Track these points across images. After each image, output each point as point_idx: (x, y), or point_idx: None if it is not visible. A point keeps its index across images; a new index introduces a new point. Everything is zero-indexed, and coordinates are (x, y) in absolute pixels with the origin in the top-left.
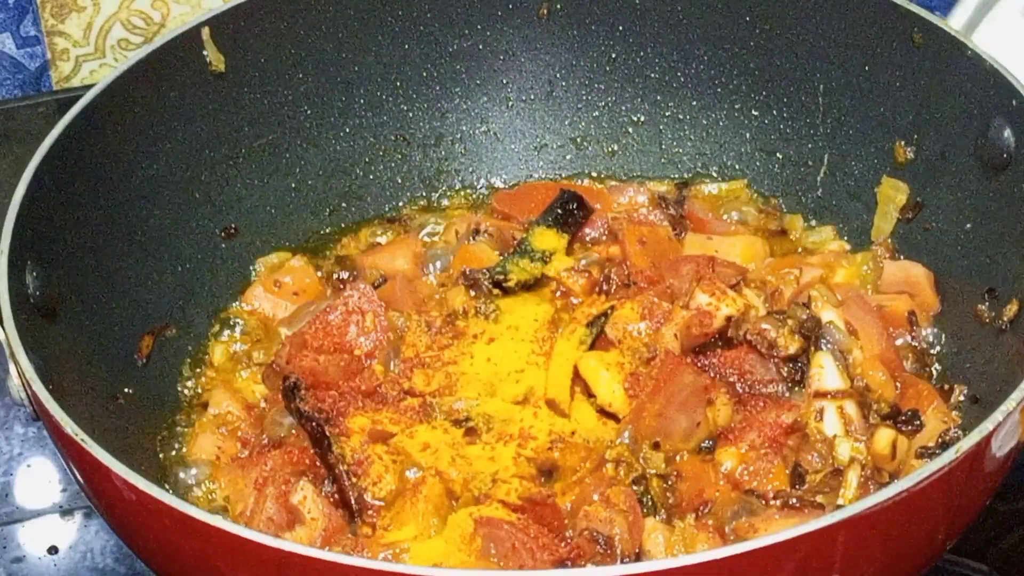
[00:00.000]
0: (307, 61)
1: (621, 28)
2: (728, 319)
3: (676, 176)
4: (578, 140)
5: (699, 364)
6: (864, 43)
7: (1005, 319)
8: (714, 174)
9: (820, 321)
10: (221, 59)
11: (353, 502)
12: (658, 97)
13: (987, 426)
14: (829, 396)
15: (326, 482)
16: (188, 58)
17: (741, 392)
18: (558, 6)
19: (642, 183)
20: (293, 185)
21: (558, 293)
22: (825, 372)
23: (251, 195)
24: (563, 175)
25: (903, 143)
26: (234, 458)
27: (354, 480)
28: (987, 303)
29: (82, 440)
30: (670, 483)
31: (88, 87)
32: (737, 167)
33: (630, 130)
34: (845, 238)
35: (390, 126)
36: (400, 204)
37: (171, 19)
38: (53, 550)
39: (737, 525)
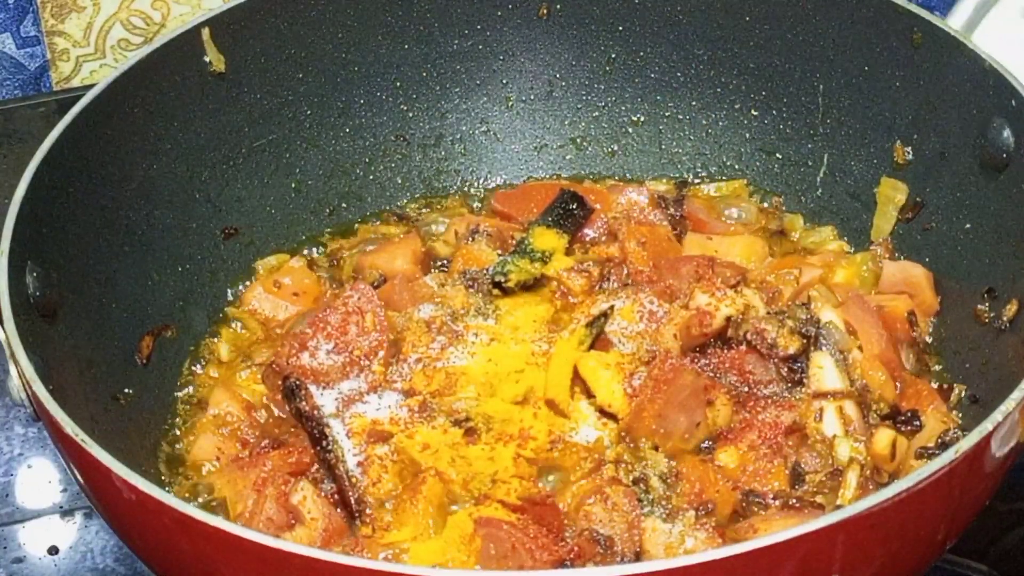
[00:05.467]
0: (307, 61)
1: (621, 28)
2: (728, 319)
3: (676, 176)
4: (578, 140)
5: (699, 364)
6: (864, 43)
7: (1005, 319)
8: (714, 174)
9: (820, 321)
10: (221, 59)
11: (353, 502)
12: (658, 97)
13: (987, 426)
14: (829, 396)
15: (326, 482)
16: (188, 58)
17: (741, 392)
18: (558, 6)
19: (642, 183)
20: (293, 185)
21: (558, 293)
22: (825, 372)
23: (251, 195)
24: (563, 175)
25: (902, 143)
26: (234, 459)
27: (354, 480)
28: (987, 303)
29: (82, 440)
30: (670, 483)
31: (88, 87)
32: (737, 167)
33: (630, 130)
34: (845, 238)
35: (390, 126)
36: (400, 204)
37: (171, 19)
38: (53, 550)
39: (737, 525)
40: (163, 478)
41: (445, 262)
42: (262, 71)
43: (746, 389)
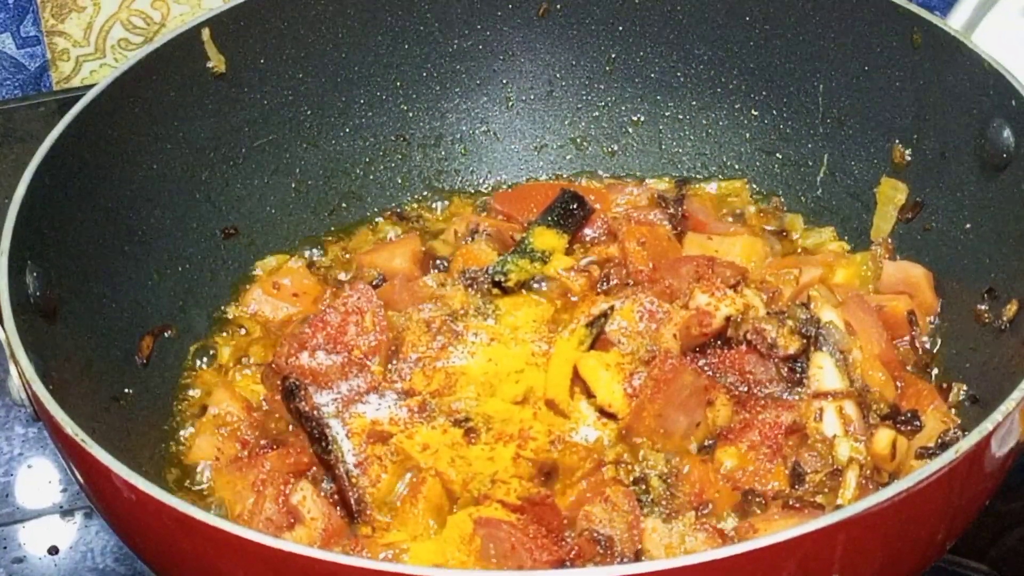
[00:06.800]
0: (307, 61)
1: (621, 28)
2: (728, 319)
3: (676, 175)
4: (578, 140)
5: (699, 364)
6: (864, 43)
7: (1005, 319)
8: (714, 173)
9: (820, 321)
10: (221, 59)
11: (353, 502)
12: (658, 97)
13: (987, 426)
14: (829, 396)
15: (326, 482)
16: (188, 58)
17: (741, 392)
18: (558, 6)
19: (642, 182)
20: (293, 185)
21: (558, 293)
22: (825, 372)
23: (251, 195)
24: (563, 175)
25: (902, 143)
26: (233, 459)
27: (354, 480)
28: (987, 303)
29: (82, 440)
30: (670, 483)
31: (88, 87)
32: (737, 167)
33: (630, 130)
34: (845, 238)
35: (390, 126)
36: (400, 204)
37: (171, 19)
38: (53, 550)
39: (737, 525)
40: (163, 478)
41: (445, 262)
42: (262, 71)
43: (746, 389)
